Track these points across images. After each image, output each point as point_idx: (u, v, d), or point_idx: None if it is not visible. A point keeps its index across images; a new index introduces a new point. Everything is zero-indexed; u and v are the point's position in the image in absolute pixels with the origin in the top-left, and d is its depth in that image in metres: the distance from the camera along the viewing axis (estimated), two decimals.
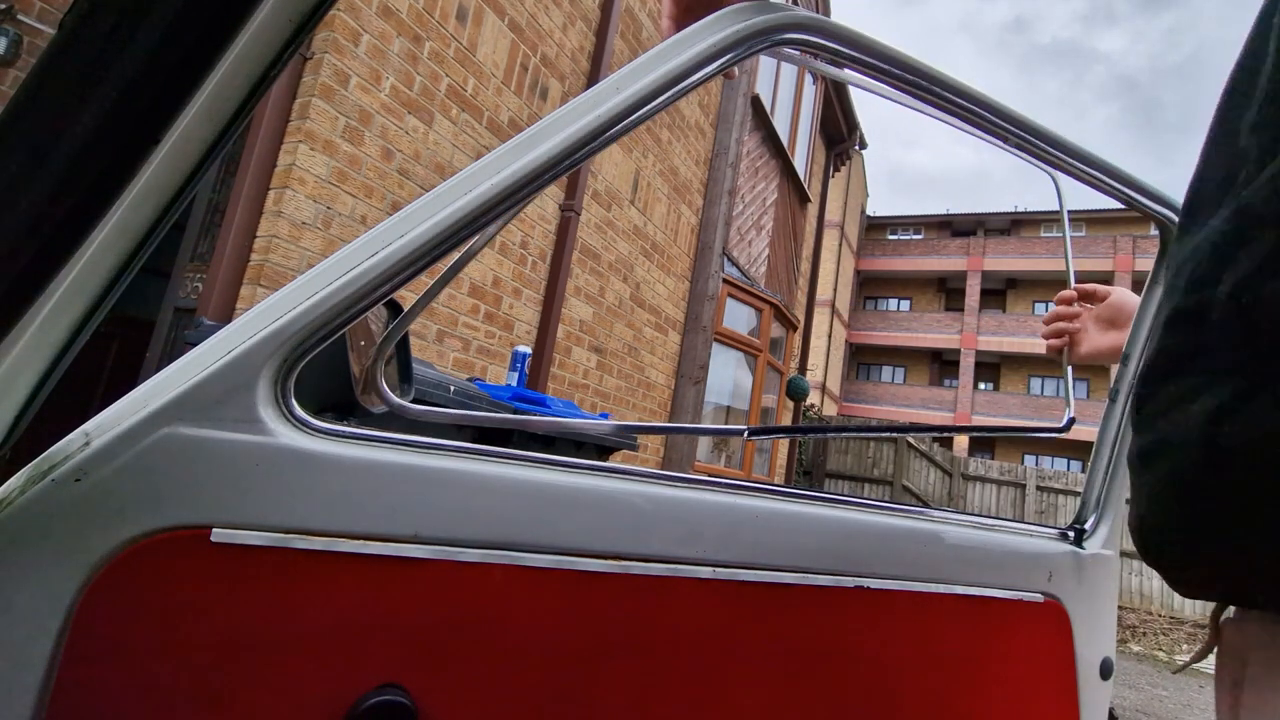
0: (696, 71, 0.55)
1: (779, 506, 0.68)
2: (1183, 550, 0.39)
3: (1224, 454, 0.34)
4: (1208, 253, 0.37)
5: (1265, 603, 0.38)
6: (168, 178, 0.41)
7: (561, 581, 0.56)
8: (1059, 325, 0.94)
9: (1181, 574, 0.40)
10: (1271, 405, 0.32)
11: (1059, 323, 0.94)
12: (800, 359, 9.58)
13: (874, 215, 31.02)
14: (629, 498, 0.60)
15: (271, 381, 0.48)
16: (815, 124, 8.63)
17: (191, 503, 0.45)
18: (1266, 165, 0.35)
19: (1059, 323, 0.94)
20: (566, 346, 4.39)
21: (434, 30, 3.21)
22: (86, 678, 0.42)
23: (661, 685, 0.61)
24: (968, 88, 0.67)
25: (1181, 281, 0.40)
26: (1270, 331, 0.33)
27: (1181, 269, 0.40)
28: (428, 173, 3.22)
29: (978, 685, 0.78)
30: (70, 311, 0.41)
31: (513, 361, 2.59)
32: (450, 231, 0.50)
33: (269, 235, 2.57)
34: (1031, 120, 0.72)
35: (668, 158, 5.43)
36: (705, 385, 5.83)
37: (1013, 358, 25.40)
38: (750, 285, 6.67)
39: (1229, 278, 0.35)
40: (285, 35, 0.42)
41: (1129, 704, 4.66)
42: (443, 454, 0.54)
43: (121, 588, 0.43)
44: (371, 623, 0.50)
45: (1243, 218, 0.35)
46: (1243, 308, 0.34)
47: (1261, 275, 0.33)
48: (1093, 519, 0.89)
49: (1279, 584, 0.35)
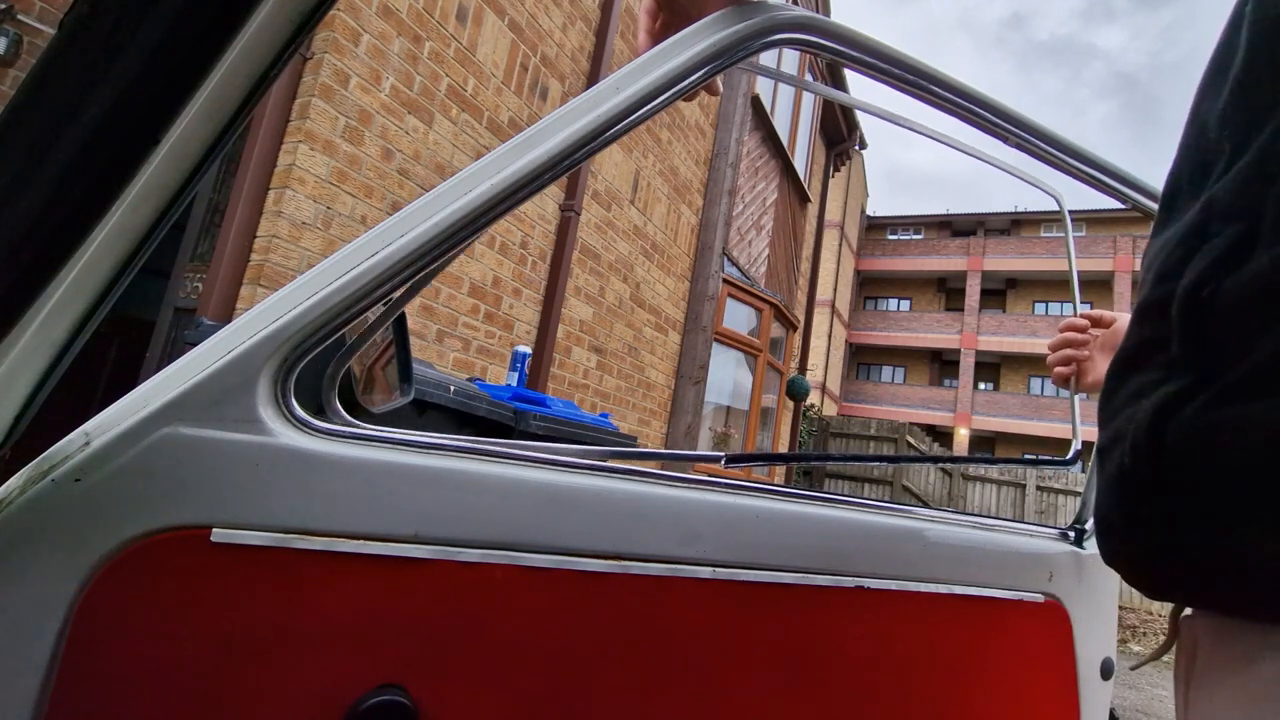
0: (696, 71, 0.55)
1: (778, 506, 0.68)
2: (1135, 549, 0.38)
3: (1167, 449, 0.34)
4: (1175, 247, 0.37)
5: (1212, 603, 0.37)
6: (168, 178, 0.41)
7: (561, 581, 0.56)
8: (1066, 353, 0.90)
9: (1134, 573, 0.39)
10: (1215, 401, 0.32)
11: (1066, 350, 0.90)
12: (800, 359, 9.58)
13: (874, 215, 31.02)
14: (629, 498, 0.60)
15: (271, 381, 0.48)
16: (815, 124, 8.63)
17: (191, 503, 0.45)
18: (1235, 160, 0.34)
19: (1066, 350, 0.90)
20: (566, 346, 4.39)
21: (434, 30, 3.21)
22: (86, 678, 0.42)
23: (661, 685, 0.61)
24: (968, 88, 0.67)
25: (1150, 275, 0.39)
26: (1225, 326, 0.32)
27: (1152, 263, 0.40)
28: (428, 173, 3.22)
29: (978, 685, 0.78)
30: (70, 311, 0.41)
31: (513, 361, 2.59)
32: (450, 231, 0.50)
33: (269, 235, 2.57)
34: (1031, 120, 0.72)
35: (668, 158, 5.43)
36: (705, 385, 5.83)
37: (1013, 358, 25.39)
38: (750, 285, 6.67)
39: (1190, 271, 0.35)
40: (285, 35, 0.42)
41: (1129, 704, 4.66)
42: (443, 454, 0.54)
43: (121, 588, 0.43)
44: (371, 623, 0.50)
45: (1208, 212, 0.35)
46: (1201, 301, 0.34)
47: (1222, 269, 0.33)
48: (1093, 519, 0.89)
49: (1223, 583, 0.34)
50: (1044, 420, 22.47)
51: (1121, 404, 0.39)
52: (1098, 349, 0.88)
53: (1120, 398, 0.39)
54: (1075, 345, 0.90)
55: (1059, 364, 0.91)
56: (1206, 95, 0.39)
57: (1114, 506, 0.39)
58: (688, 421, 5.67)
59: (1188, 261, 0.35)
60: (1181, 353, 0.35)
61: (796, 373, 8.88)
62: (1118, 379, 0.40)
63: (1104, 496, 0.40)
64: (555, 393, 4.29)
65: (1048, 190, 0.95)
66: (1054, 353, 0.92)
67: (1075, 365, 0.89)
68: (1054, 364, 0.92)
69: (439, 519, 0.53)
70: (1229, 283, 0.32)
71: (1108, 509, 0.39)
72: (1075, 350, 0.90)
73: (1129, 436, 0.37)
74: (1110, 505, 0.39)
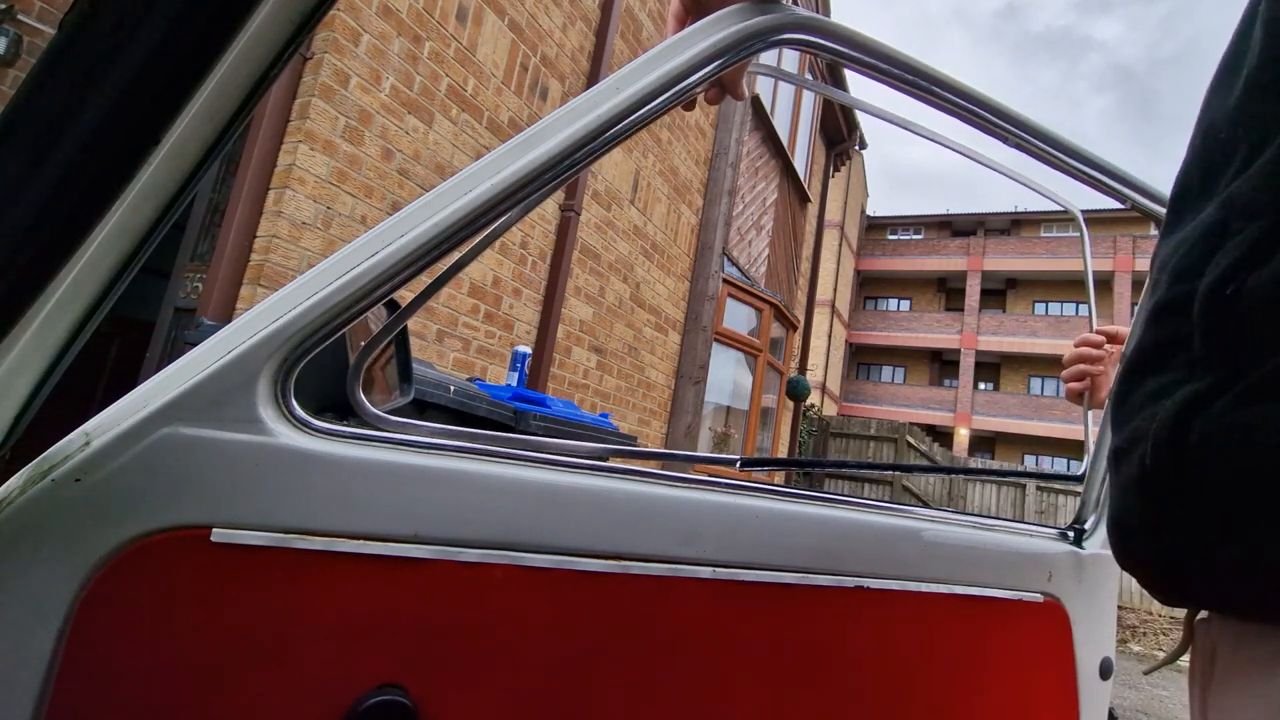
0: (696, 71, 0.55)
1: (778, 506, 0.68)
2: (1155, 552, 0.37)
3: (1191, 450, 0.33)
4: (1193, 245, 0.37)
5: (1233, 607, 0.36)
6: (168, 178, 0.41)
7: (561, 581, 0.56)
8: (1081, 368, 0.89)
9: (1152, 577, 0.38)
10: (1243, 399, 0.31)
11: (1081, 365, 0.89)
12: (800, 359, 9.58)
13: (874, 215, 31.03)
14: (629, 498, 0.60)
15: (271, 381, 0.48)
16: (815, 124, 8.62)
17: (191, 503, 0.45)
18: (1255, 158, 0.34)
19: (1081, 365, 0.89)
20: (566, 346, 4.39)
21: (434, 30, 3.21)
22: (87, 678, 0.42)
23: (661, 685, 0.61)
24: (968, 88, 0.67)
25: (1165, 276, 0.39)
26: (1250, 324, 0.32)
27: (1165, 264, 0.39)
28: (428, 173, 3.22)
29: (977, 685, 0.78)
30: (70, 311, 0.41)
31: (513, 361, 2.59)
32: (450, 231, 0.50)
33: (269, 235, 2.57)
34: (1031, 121, 0.72)
35: (668, 158, 5.43)
36: (705, 385, 5.83)
37: (1013, 358, 25.38)
38: (750, 285, 6.67)
39: (1213, 270, 0.34)
40: (285, 35, 0.42)
41: (1129, 704, 4.66)
42: (443, 454, 0.54)
43: (121, 588, 0.43)
44: (371, 623, 0.50)
45: (1229, 209, 0.35)
46: (1225, 300, 0.33)
47: (1246, 267, 0.32)
48: (1092, 519, 0.89)
49: (1246, 588, 0.33)
50: (1044, 420, 22.47)
51: (1139, 405, 0.38)
52: (1112, 365, 0.87)
53: (1137, 398, 0.38)
54: (1090, 361, 0.89)
55: (1074, 379, 0.90)
56: (1216, 95, 0.39)
57: (1132, 509, 0.38)
58: (688, 421, 5.67)
59: (1208, 260, 0.35)
60: (1204, 351, 0.34)
61: (796, 373, 8.88)
62: (1132, 380, 0.40)
63: (1121, 499, 0.39)
64: (555, 393, 4.29)
65: (1063, 203, 0.94)
66: (1069, 368, 0.91)
67: (1090, 380, 0.89)
68: (1069, 379, 0.90)
69: (439, 519, 0.53)
70: (1253, 280, 0.32)
71: (1125, 512, 0.39)
72: (1090, 366, 0.89)
73: (1150, 437, 0.36)
74: (1128, 508, 0.38)
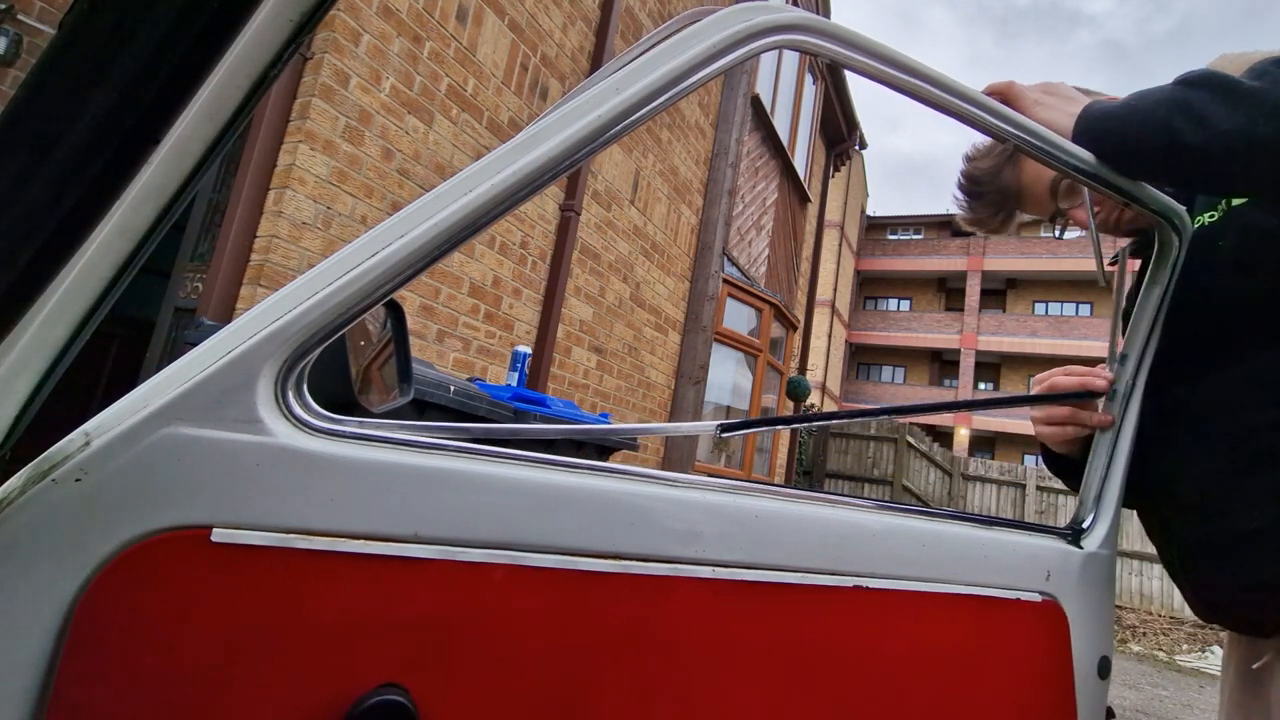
0: (697, 71, 0.55)
1: (779, 506, 0.68)
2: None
3: None
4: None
5: None
6: (168, 178, 0.41)
7: (561, 581, 0.56)
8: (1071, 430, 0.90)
9: None
10: None
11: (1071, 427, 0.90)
12: (800, 359, 9.58)
13: (874, 215, 31.03)
14: (629, 498, 0.60)
15: (271, 381, 0.48)
16: (815, 124, 8.63)
17: (191, 503, 0.45)
18: None
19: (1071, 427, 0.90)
20: (566, 346, 4.39)
21: (434, 30, 3.21)
22: (86, 678, 0.42)
23: (661, 685, 0.61)
24: (967, 89, 0.67)
25: None
26: None
27: None
28: (428, 173, 3.22)
29: (975, 684, 0.78)
30: (70, 311, 0.41)
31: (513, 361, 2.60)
32: (450, 232, 0.50)
33: (269, 235, 2.57)
34: (1029, 121, 0.72)
35: (668, 158, 5.43)
36: (705, 385, 5.83)
37: (1013, 357, 25.37)
38: (750, 285, 6.67)
39: None
40: (285, 35, 0.42)
41: (1129, 704, 4.66)
42: (443, 454, 0.54)
43: (121, 588, 0.43)
44: (371, 623, 0.50)
45: None
46: None
47: None
48: (1091, 518, 0.89)
49: None
50: None
51: None
52: None
53: None
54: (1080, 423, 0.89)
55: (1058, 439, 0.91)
56: None
57: None
58: (688, 421, 5.67)
59: None
60: None
61: (796, 372, 8.88)
62: None
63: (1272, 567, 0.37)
64: (555, 393, 4.29)
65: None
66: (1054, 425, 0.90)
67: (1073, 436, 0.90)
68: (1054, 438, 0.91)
69: (439, 519, 0.53)
70: None
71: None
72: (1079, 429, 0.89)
73: None
74: None
